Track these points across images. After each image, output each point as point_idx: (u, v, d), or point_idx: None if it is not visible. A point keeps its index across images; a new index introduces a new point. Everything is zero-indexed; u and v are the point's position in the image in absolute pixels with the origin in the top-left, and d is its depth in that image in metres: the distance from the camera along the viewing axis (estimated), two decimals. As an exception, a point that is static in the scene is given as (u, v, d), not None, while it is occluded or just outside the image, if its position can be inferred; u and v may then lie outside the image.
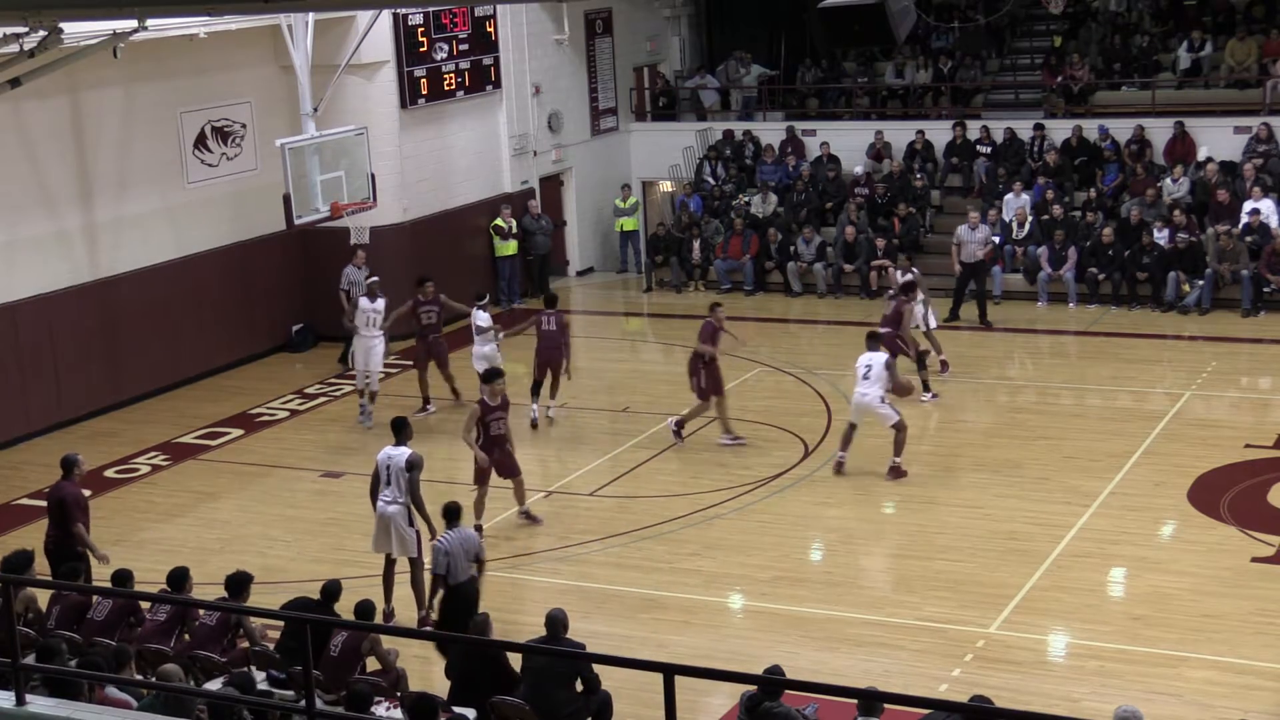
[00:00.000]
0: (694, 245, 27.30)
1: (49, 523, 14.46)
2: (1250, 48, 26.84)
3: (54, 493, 14.44)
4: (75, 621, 12.30)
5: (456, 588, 12.96)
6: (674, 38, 31.22)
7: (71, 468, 14.39)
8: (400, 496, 14.13)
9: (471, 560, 13.15)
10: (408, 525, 14.14)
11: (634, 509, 17.09)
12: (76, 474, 14.44)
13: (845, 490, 17.36)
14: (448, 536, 13.10)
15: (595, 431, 19.88)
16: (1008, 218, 25.63)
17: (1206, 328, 23.17)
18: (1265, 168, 24.89)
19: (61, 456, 14.59)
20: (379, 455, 14.39)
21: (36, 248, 20.57)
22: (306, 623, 10.18)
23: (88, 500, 14.69)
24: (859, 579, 15.36)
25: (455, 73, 25.12)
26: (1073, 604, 14.26)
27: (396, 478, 14.13)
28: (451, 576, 12.98)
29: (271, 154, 21.55)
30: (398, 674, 11.86)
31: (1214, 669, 12.92)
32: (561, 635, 11.32)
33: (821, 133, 28.38)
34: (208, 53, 21.93)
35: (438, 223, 25.29)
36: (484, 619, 11.46)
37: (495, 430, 15.93)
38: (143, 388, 21.87)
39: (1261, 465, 17.39)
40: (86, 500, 14.59)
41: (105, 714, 9.50)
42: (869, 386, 17.44)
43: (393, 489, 14.15)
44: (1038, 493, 16.97)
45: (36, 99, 19.62)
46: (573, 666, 11.14)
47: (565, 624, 11.39)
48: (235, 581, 12.20)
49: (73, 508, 14.16)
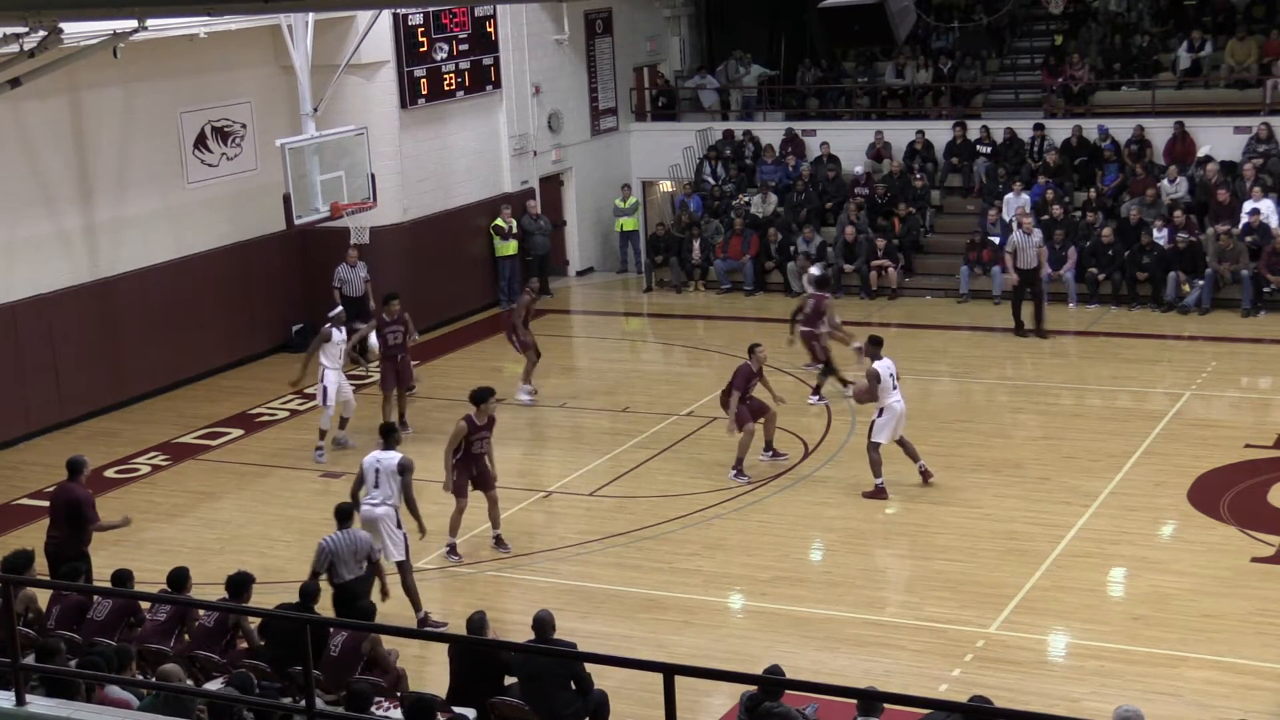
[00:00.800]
0: (694, 245, 27.31)
1: (50, 525, 14.35)
2: (1250, 48, 26.85)
3: (62, 494, 14.29)
4: (75, 621, 12.30)
5: (342, 586, 13.14)
6: (674, 38, 31.22)
7: (79, 469, 14.27)
8: (390, 499, 14.25)
9: (362, 560, 13.28)
10: (395, 527, 14.26)
11: (634, 509, 17.08)
12: (83, 476, 14.33)
13: (845, 490, 17.35)
14: (334, 537, 13.25)
15: (595, 431, 19.88)
16: (1008, 218, 25.64)
17: (1206, 328, 23.17)
18: (1265, 168, 24.89)
19: (68, 458, 14.46)
20: (365, 460, 14.50)
21: (36, 248, 20.57)
22: (305, 624, 10.17)
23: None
24: (859, 579, 15.35)
25: (455, 73, 25.12)
26: (1073, 604, 14.25)
27: (387, 480, 14.25)
28: (336, 575, 13.16)
29: (271, 154, 21.56)
30: (398, 674, 11.87)
31: (1214, 669, 12.91)
32: (551, 636, 11.31)
33: (821, 133, 28.39)
34: (208, 53, 21.93)
35: (438, 223, 25.29)
36: (480, 617, 11.46)
37: (477, 449, 15.67)
38: (143, 388, 21.87)
39: (1261, 465, 17.39)
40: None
41: (105, 714, 9.50)
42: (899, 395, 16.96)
43: (381, 491, 14.27)
44: (1038, 493, 16.97)
45: (36, 99, 19.62)
46: (566, 667, 11.15)
47: (553, 625, 11.37)
48: (236, 583, 12.20)
49: (88, 508, 14.11)
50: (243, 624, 12.23)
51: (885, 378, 16.83)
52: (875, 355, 17.08)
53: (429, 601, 14.55)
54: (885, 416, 16.85)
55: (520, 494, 17.70)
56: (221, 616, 12.00)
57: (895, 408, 16.85)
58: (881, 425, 16.87)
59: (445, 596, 15.11)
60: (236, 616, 12.03)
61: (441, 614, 14.35)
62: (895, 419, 16.87)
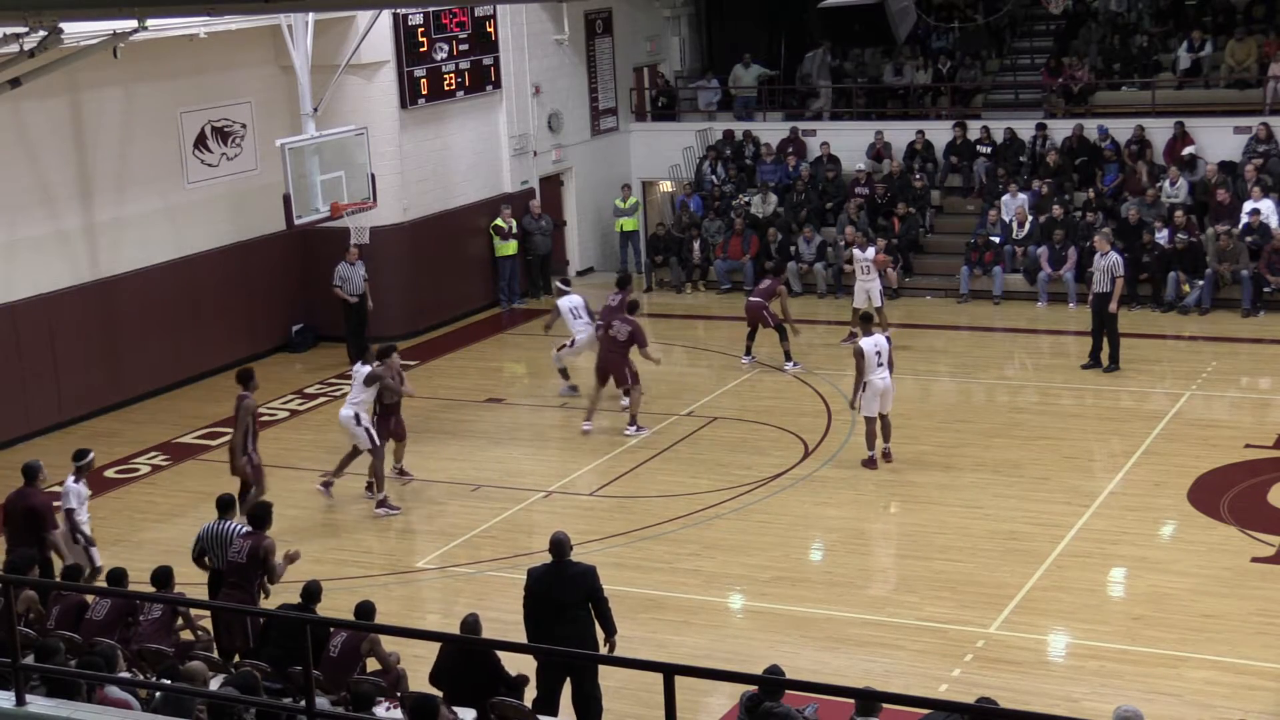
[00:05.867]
0: (694, 245, 27.31)
1: (5, 537, 14.03)
2: (1250, 48, 26.84)
3: (18, 501, 13.96)
4: (75, 621, 12.30)
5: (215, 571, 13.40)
6: (674, 38, 31.22)
7: (35, 474, 14.10)
8: (354, 399, 17.12)
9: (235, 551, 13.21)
10: (356, 425, 17.04)
11: (634, 509, 17.09)
12: (40, 480, 14.17)
13: (845, 490, 17.36)
14: (206, 526, 13.53)
15: (595, 431, 19.86)
16: (1007, 218, 25.64)
17: (1206, 328, 23.17)
18: (1265, 168, 24.89)
19: (23, 464, 14.36)
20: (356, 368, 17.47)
21: (36, 248, 20.57)
22: (305, 624, 10.16)
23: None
24: (859, 579, 15.36)
25: (455, 73, 25.12)
26: (1073, 604, 14.26)
27: (356, 386, 17.20)
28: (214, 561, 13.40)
29: (271, 154, 21.56)
30: (398, 674, 11.86)
31: (1214, 669, 12.92)
32: (568, 557, 11.80)
33: (821, 133, 28.39)
34: (208, 53, 21.93)
35: (438, 223, 25.29)
36: (474, 619, 11.45)
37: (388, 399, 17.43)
38: (143, 388, 21.88)
39: (1261, 465, 17.39)
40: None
41: (105, 714, 9.50)
42: (887, 371, 17.69)
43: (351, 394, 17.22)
44: (1038, 493, 16.97)
45: (36, 99, 19.62)
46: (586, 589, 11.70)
47: (570, 545, 11.88)
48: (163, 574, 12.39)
49: (46, 514, 13.93)
50: (184, 614, 12.54)
51: (870, 354, 17.55)
52: (867, 331, 17.99)
53: (429, 602, 14.56)
54: (868, 392, 17.59)
55: (520, 494, 17.72)
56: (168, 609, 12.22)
57: (877, 384, 17.57)
58: (866, 401, 17.64)
59: (445, 597, 15.12)
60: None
61: (441, 614, 14.37)
62: (877, 394, 17.58)
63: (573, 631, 11.62)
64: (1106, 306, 20.86)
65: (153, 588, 12.37)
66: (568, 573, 11.80)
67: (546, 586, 11.79)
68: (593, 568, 11.95)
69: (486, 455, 19.28)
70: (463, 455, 19.02)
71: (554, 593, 11.75)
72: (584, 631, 11.72)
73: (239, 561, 12.98)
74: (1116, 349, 21.06)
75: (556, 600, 11.72)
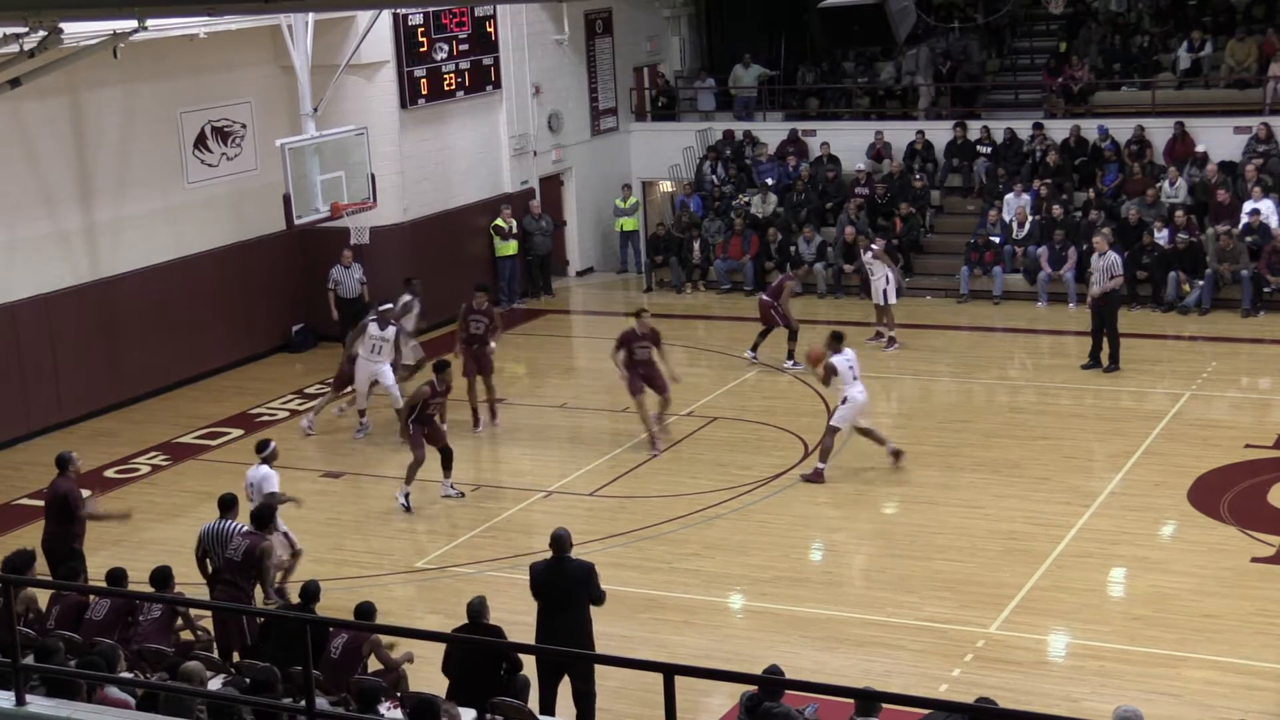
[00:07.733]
0: (694, 245, 27.31)
1: (46, 520, 14.71)
2: (1250, 48, 26.84)
3: (53, 490, 14.66)
4: (74, 621, 12.31)
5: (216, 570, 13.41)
6: (674, 38, 31.22)
7: (67, 464, 14.69)
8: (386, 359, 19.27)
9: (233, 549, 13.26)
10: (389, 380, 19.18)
11: (634, 509, 17.09)
12: (72, 470, 14.76)
13: (845, 490, 17.36)
14: (207, 526, 13.61)
15: (595, 431, 19.88)
16: (1008, 218, 25.64)
17: (1206, 328, 23.17)
18: (1265, 168, 24.89)
19: (57, 454, 14.80)
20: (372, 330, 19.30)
21: (36, 248, 20.57)
22: (305, 624, 10.16)
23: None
24: (859, 579, 15.36)
25: (455, 73, 25.12)
26: (1073, 604, 14.26)
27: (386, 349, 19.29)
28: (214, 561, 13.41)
29: (271, 154, 21.56)
30: (399, 674, 11.86)
31: (1214, 669, 12.92)
32: (568, 553, 11.95)
33: (821, 133, 28.38)
34: (208, 53, 21.93)
35: (438, 223, 25.29)
36: (479, 601, 11.49)
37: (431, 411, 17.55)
38: (143, 388, 21.87)
39: (1261, 465, 17.39)
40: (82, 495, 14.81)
41: (105, 714, 9.50)
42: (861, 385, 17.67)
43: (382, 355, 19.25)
44: (1038, 493, 16.97)
45: (36, 99, 19.62)
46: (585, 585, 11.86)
47: (570, 541, 12.03)
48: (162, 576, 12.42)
49: (77, 501, 14.48)
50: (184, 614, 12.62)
51: (844, 370, 17.57)
52: (836, 349, 17.74)
53: (429, 602, 14.56)
54: (848, 405, 17.57)
55: (520, 494, 17.72)
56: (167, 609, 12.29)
57: (857, 398, 17.59)
58: (843, 414, 17.61)
59: (445, 597, 15.11)
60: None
61: (441, 614, 14.35)
62: (856, 409, 17.60)
63: (572, 626, 11.74)
64: (1106, 306, 20.92)
65: (152, 588, 12.37)
66: (567, 568, 11.96)
67: (547, 581, 11.93)
68: (592, 565, 12.07)
69: (486, 455, 19.28)
70: (463, 455, 19.00)
71: (554, 588, 11.89)
72: (582, 627, 11.85)
73: (234, 560, 13.01)
74: (1116, 349, 21.08)
75: (556, 595, 11.86)
